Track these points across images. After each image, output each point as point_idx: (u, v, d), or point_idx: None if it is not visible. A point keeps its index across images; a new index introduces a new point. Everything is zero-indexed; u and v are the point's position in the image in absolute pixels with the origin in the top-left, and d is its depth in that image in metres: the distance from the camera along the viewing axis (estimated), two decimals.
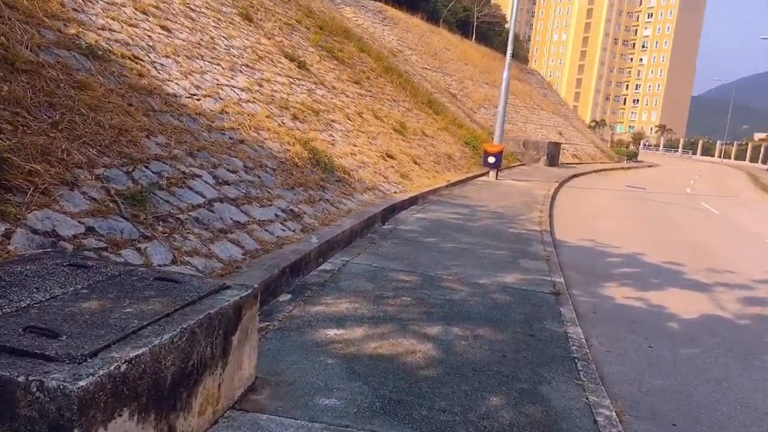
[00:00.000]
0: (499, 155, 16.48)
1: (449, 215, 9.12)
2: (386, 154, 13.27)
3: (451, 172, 16.45)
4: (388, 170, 11.99)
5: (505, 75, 17.19)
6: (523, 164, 26.28)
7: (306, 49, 16.38)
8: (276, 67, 12.84)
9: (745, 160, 74.97)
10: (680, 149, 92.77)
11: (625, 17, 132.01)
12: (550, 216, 10.80)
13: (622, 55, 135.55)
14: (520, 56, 54.08)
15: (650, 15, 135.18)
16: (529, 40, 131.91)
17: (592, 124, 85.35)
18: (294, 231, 6.50)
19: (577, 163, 35.67)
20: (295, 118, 10.80)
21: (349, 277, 5.14)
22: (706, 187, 28.92)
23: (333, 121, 12.71)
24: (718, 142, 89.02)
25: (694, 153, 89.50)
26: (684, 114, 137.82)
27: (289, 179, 7.93)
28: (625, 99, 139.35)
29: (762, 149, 68.23)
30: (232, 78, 10.05)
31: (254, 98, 10.01)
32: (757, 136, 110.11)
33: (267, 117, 9.61)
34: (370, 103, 16.94)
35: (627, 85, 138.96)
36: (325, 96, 14.15)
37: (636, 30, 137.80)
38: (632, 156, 55.01)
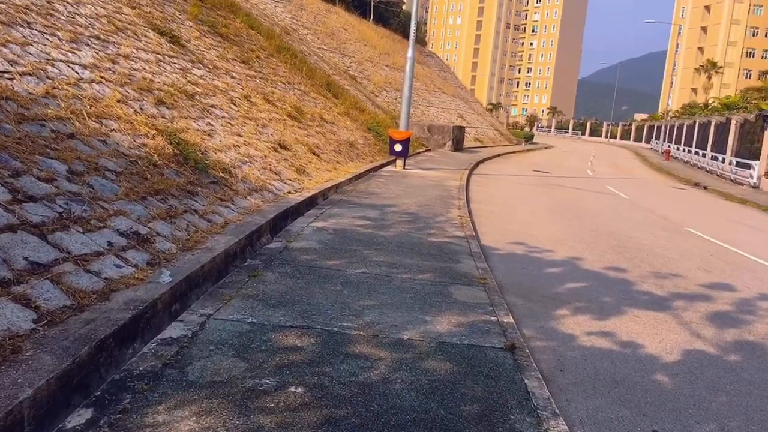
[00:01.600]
0: (406, 142, 14.98)
1: (356, 221, 7.43)
2: (279, 144, 11.34)
3: (354, 162, 14.75)
4: (280, 164, 10.09)
5: (409, 55, 15.66)
6: (429, 150, 25.12)
7: (182, 22, 13.94)
8: (140, 41, 10.50)
9: (629, 140, 79.26)
10: (570, 130, 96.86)
11: (515, 2, 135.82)
12: (470, 214, 9.40)
13: (514, 39, 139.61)
14: (419, 39, 53.17)
15: (539, 0, 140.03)
16: (426, 24, 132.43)
17: (489, 107, 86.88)
18: (137, 266, 4.53)
19: (480, 147, 35.26)
20: (160, 103, 8.64)
21: (208, 351, 3.30)
22: (605, 169, 29.27)
23: (213, 106, 10.61)
24: (605, 123, 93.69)
25: (583, 134, 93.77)
26: (572, 96, 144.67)
27: (139, 186, 5.88)
28: (518, 82, 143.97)
29: (645, 129, 72.22)
30: (72, 52, 7.73)
31: (102, 78, 7.76)
32: (638, 116, 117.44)
33: (118, 102, 7.42)
34: (261, 86, 14.85)
35: (519, 69, 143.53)
36: (205, 77, 11.96)
37: (526, 15, 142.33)
38: (529, 138, 56.12)
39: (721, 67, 77.44)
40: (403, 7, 54.54)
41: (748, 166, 24.86)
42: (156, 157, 6.76)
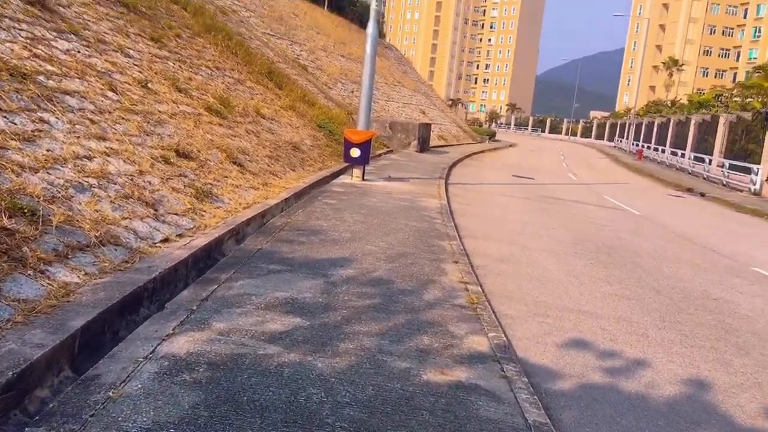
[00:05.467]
0: (366, 146, 11.30)
1: (270, 325, 3.50)
2: (176, 151, 7.54)
3: (297, 171, 11.01)
4: (166, 186, 6.30)
5: (370, 31, 11.92)
6: (391, 150, 21.51)
7: None
8: None
9: (590, 137, 77.59)
10: (530, 127, 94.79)
11: None
12: (473, 270, 5.79)
13: (472, 35, 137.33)
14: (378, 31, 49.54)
15: None
16: (383, 17, 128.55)
17: (449, 102, 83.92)
18: None
19: (444, 145, 31.93)
20: None
21: None
22: (585, 172, 26.34)
23: (67, 93, 6.73)
24: (565, 120, 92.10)
25: (543, 131, 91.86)
26: (530, 93, 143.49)
27: None
28: (476, 78, 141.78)
29: (607, 127, 70.52)
30: None
31: None
32: (594, 113, 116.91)
33: None
34: (173, 70, 10.88)
35: (478, 65, 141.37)
36: (74, 52, 8.02)
37: (484, 10, 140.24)
38: (491, 135, 53.37)
39: (682, 64, 76.47)
40: None
41: (746, 170, 22.21)
42: None
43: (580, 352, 4.16)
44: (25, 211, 4.05)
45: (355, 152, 11.18)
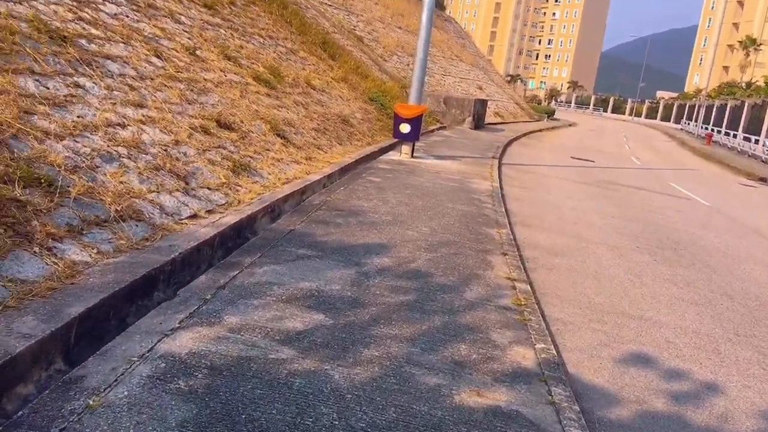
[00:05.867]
0: (417, 122, 10.79)
1: (287, 322, 3.08)
2: (217, 121, 7.26)
3: (343, 145, 10.63)
4: (202, 158, 6.03)
5: (426, 8, 11.24)
6: (444, 127, 20.85)
7: None
8: None
9: (656, 119, 74.08)
10: (591, 106, 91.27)
11: None
12: (525, 270, 5.26)
13: (536, 8, 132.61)
14: (437, 2, 48.30)
15: None
16: None
17: (507, 78, 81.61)
18: None
19: (500, 123, 30.92)
20: None
21: None
22: (648, 155, 24.96)
23: (108, 57, 6.53)
24: (629, 100, 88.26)
25: (605, 110, 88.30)
26: (593, 70, 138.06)
27: None
28: (537, 54, 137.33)
29: (674, 108, 67.05)
30: None
31: None
32: (660, 94, 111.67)
33: None
34: (224, 38, 10.62)
35: (540, 40, 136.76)
36: (121, 16, 7.82)
37: None
38: (550, 113, 51.61)
39: (761, 44, 71.53)
40: None
41: None
42: None
43: (641, 371, 3.64)
44: (42, 181, 3.81)
45: (405, 128, 10.69)
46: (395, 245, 4.99)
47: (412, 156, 11.17)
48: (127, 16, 8.00)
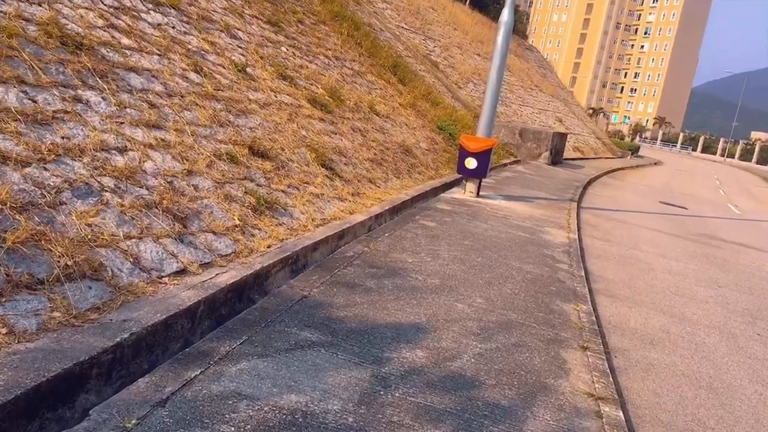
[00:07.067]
0: (484, 157, 9.52)
1: None
2: (249, 147, 6.33)
3: (400, 179, 9.51)
4: (217, 191, 5.04)
5: (505, 19, 10.06)
6: (518, 161, 19.39)
7: None
8: None
9: (751, 161, 68.92)
10: (679, 144, 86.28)
11: (629, 0, 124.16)
12: (621, 400, 3.85)
13: (623, 40, 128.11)
14: (519, 30, 46.89)
15: (656, 0, 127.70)
16: (528, 19, 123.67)
17: (589, 111, 78.51)
18: None
19: (580, 158, 28.99)
20: None
21: None
22: (747, 202, 22.41)
23: (134, 69, 5.76)
24: (721, 140, 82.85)
25: (694, 149, 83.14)
26: (682, 107, 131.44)
27: None
28: (622, 87, 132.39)
29: None
30: None
31: None
32: (753, 135, 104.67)
33: None
34: (283, 56, 9.85)
35: (626, 73, 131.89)
36: (165, 26, 7.13)
37: (640, 15, 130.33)
38: (635, 150, 48.67)
39: None
40: None
41: None
42: None
43: None
44: None
45: (471, 162, 9.45)
46: (436, 327, 3.77)
47: (478, 195, 9.89)
48: (173, 27, 7.28)
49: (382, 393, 2.82)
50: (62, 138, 4.13)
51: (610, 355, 4.14)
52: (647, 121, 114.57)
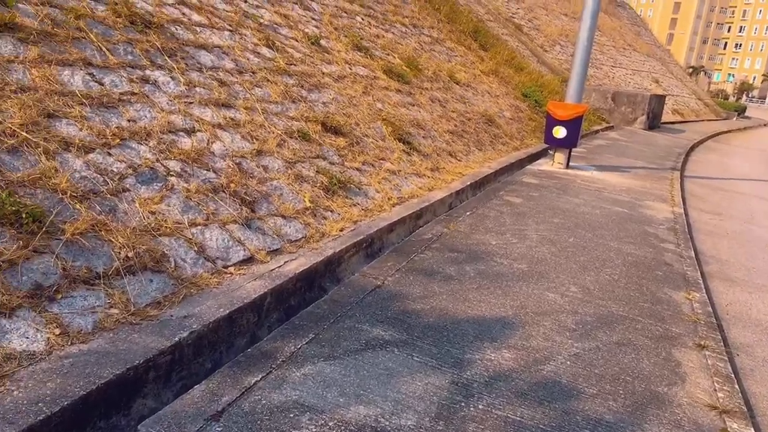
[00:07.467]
0: (574, 125, 8.79)
1: None
2: (322, 123, 6.06)
3: (483, 151, 8.99)
4: (288, 171, 4.81)
5: None
6: (611, 127, 18.13)
7: None
8: None
9: None
10: None
11: None
12: (751, 413, 3.29)
13: None
14: None
15: None
16: None
17: (689, 70, 72.93)
18: None
19: (679, 122, 26.86)
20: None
21: None
22: None
23: (204, 47, 5.62)
24: None
25: None
26: None
27: None
28: (725, 43, 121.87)
29: None
30: None
31: None
32: None
33: None
34: (358, 26, 9.54)
35: (729, 27, 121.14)
36: (237, 1, 7.00)
37: None
38: (741, 111, 44.80)
39: None
40: None
41: None
42: None
43: None
44: (23, 216, 2.75)
45: (560, 131, 8.75)
46: (524, 322, 3.34)
47: (567, 166, 9.18)
48: (245, 2, 7.12)
49: (463, 404, 2.47)
50: (128, 121, 4.00)
51: (731, 354, 3.56)
52: (754, 78, 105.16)
